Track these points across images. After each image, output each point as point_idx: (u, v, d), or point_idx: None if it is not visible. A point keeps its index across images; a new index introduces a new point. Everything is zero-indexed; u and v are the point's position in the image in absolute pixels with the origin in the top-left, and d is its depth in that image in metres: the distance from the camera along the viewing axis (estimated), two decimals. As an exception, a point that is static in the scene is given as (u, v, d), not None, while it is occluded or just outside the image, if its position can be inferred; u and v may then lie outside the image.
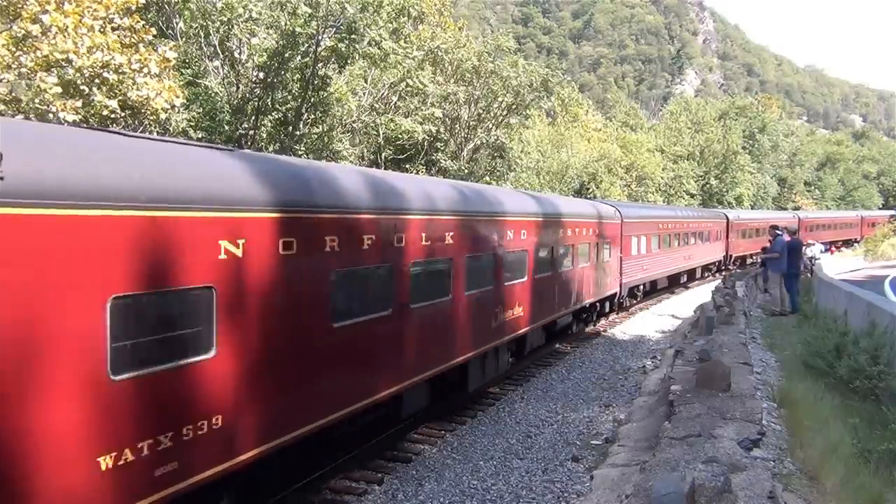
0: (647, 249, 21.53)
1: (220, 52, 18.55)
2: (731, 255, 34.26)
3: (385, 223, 7.24)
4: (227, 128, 17.85)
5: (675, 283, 26.56)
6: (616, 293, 18.83)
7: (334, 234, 6.40)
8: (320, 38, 17.28)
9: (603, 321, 18.67)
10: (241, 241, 5.22)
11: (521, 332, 11.75)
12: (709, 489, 4.11)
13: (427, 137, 23.24)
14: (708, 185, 54.90)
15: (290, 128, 18.83)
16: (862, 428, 7.05)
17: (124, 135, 5.26)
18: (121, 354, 4.32)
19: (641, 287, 21.98)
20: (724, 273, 31.07)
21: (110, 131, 5.52)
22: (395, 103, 22.99)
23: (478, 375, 10.47)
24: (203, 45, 18.66)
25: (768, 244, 18.43)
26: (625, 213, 19.46)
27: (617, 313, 20.00)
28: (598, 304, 17.53)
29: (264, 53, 17.91)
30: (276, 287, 5.62)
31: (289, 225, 5.75)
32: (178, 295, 4.79)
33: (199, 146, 6.02)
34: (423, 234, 8.07)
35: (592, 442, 9.16)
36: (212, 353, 5.00)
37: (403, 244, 7.62)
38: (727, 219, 33.44)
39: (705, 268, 30.89)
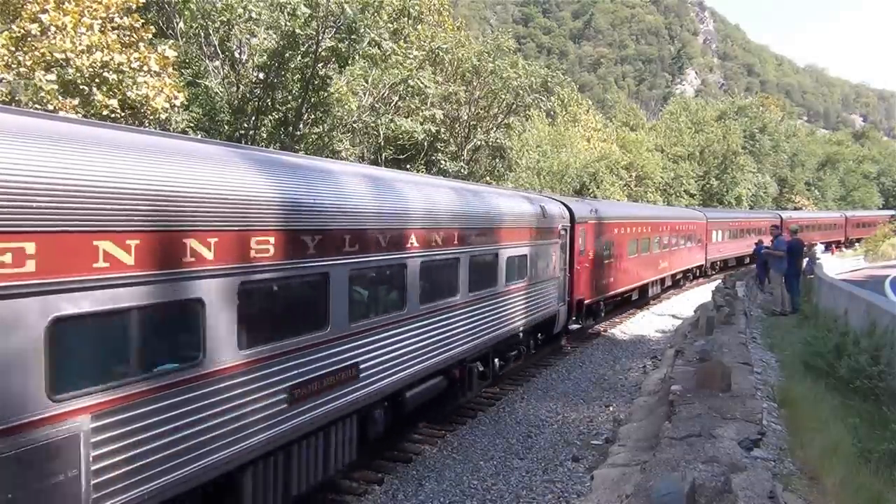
0: (721, 238, 33.73)
1: (220, 52, 18.53)
2: None
3: (637, 223, 20.57)
4: (227, 128, 17.83)
5: (740, 263, 37.05)
6: (703, 264, 31.17)
7: (627, 228, 19.28)
8: (320, 38, 17.25)
9: (604, 323, 19.10)
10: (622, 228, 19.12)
11: (665, 275, 24.06)
12: (709, 489, 4.11)
13: (427, 138, 23.19)
14: (708, 185, 54.85)
15: (291, 128, 18.81)
16: (862, 428, 7.04)
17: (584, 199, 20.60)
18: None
19: (718, 262, 34.27)
20: None
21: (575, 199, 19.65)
22: (396, 103, 22.94)
23: (650, 292, 22.61)
24: (203, 45, 18.65)
25: (763, 243, 21.55)
26: (708, 215, 31.86)
27: (703, 278, 31.90)
28: (695, 268, 29.96)
29: (264, 54, 17.90)
30: (620, 244, 18.77)
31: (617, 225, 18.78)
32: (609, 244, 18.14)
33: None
34: (648, 228, 21.31)
35: (592, 442, 9.15)
36: (610, 260, 18.15)
37: (637, 229, 20.02)
38: (780, 218, 41.39)
39: None
